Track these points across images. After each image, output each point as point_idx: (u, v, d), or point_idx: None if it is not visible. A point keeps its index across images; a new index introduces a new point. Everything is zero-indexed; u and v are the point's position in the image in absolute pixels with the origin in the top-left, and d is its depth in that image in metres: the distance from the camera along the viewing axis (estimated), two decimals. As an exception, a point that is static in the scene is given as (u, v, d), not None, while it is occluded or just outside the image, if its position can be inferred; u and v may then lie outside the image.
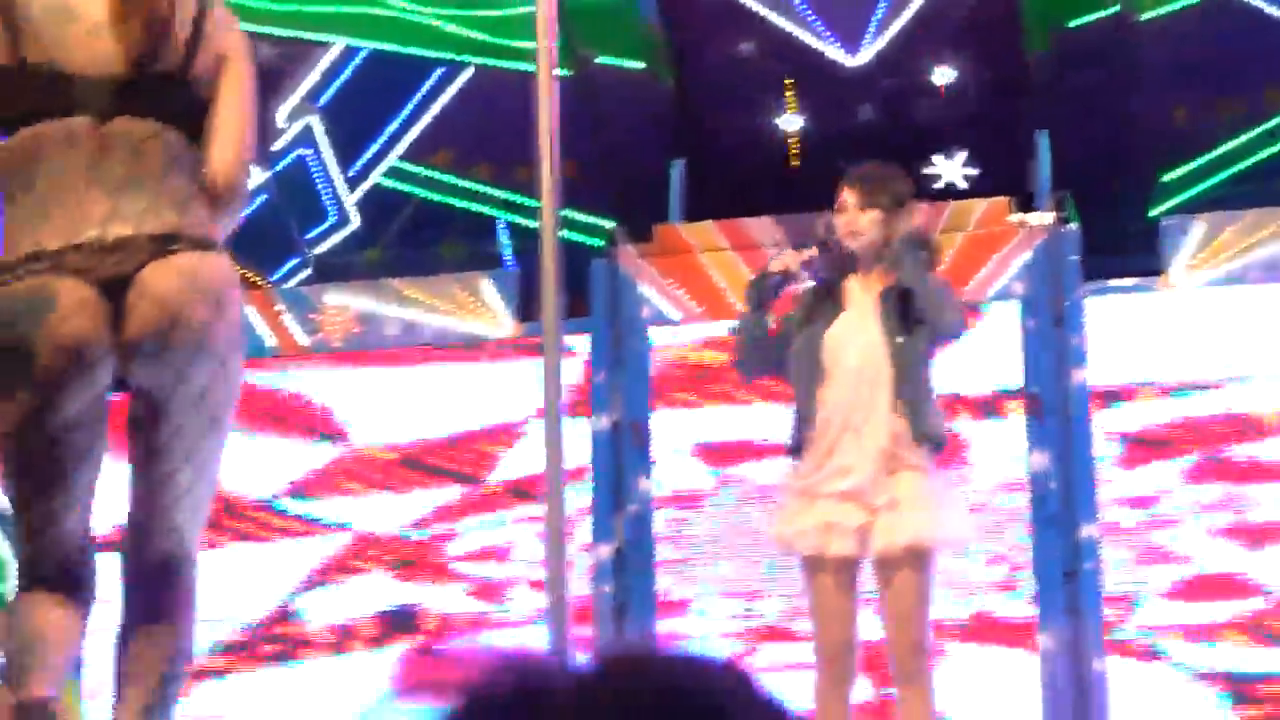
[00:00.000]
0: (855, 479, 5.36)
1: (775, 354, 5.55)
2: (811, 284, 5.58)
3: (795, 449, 5.47)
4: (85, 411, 3.63)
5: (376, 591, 7.87)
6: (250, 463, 7.57)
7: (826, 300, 5.53)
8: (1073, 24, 8.66)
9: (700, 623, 7.48)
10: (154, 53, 3.69)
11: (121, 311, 3.58)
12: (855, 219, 5.49)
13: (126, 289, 3.58)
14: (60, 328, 3.56)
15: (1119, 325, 7.31)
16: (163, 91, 3.73)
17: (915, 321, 5.43)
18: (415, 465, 7.91)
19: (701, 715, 1.27)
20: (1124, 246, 7.95)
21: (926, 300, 5.42)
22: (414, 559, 7.83)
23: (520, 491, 7.71)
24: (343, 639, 7.83)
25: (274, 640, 7.90)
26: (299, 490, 7.97)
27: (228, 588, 7.40)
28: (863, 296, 5.51)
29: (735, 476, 7.53)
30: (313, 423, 8.03)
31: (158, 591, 3.71)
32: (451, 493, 7.86)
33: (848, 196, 5.53)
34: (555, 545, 4.82)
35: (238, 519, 7.87)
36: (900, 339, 5.44)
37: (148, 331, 3.58)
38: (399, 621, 7.78)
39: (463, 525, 7.83)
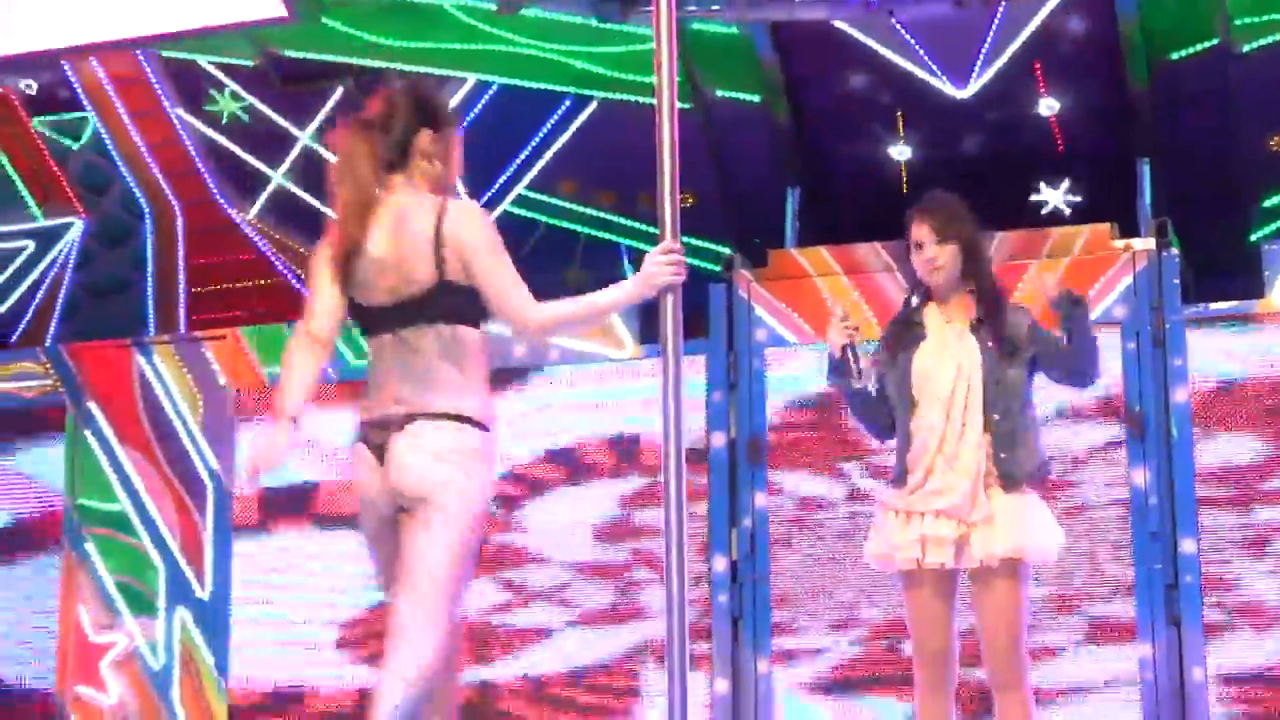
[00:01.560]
0: (950, 499, 5.37)
1: (886, 406, 5.58)
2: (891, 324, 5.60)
3: (897, 474, 5.49)
4: (380, 531, 4.67)
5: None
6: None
7: (907, 332, 5.54)
8: (1174, 56, 8.60)
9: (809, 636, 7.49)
10: (414, 286, 4.61)
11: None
12: (935, 254, 5.50)
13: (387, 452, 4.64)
14: (356, 478, 4.73)
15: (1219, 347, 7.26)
16: (429, 303, 4.62)
17: (1010, 354, 5.46)
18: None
19: None
20: (1225, 271, 7.87)
21: (1083, 354, 5.45)
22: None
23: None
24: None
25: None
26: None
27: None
28: (944, 326, 5.52)
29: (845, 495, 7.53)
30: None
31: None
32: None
33: (922, 233, 5.54)
34: (675, 557, 4.83)
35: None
36: (996, 372, 5.45)
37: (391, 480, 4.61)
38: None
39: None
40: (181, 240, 9.86)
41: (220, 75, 9.62)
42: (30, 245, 10.03)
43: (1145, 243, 7.38)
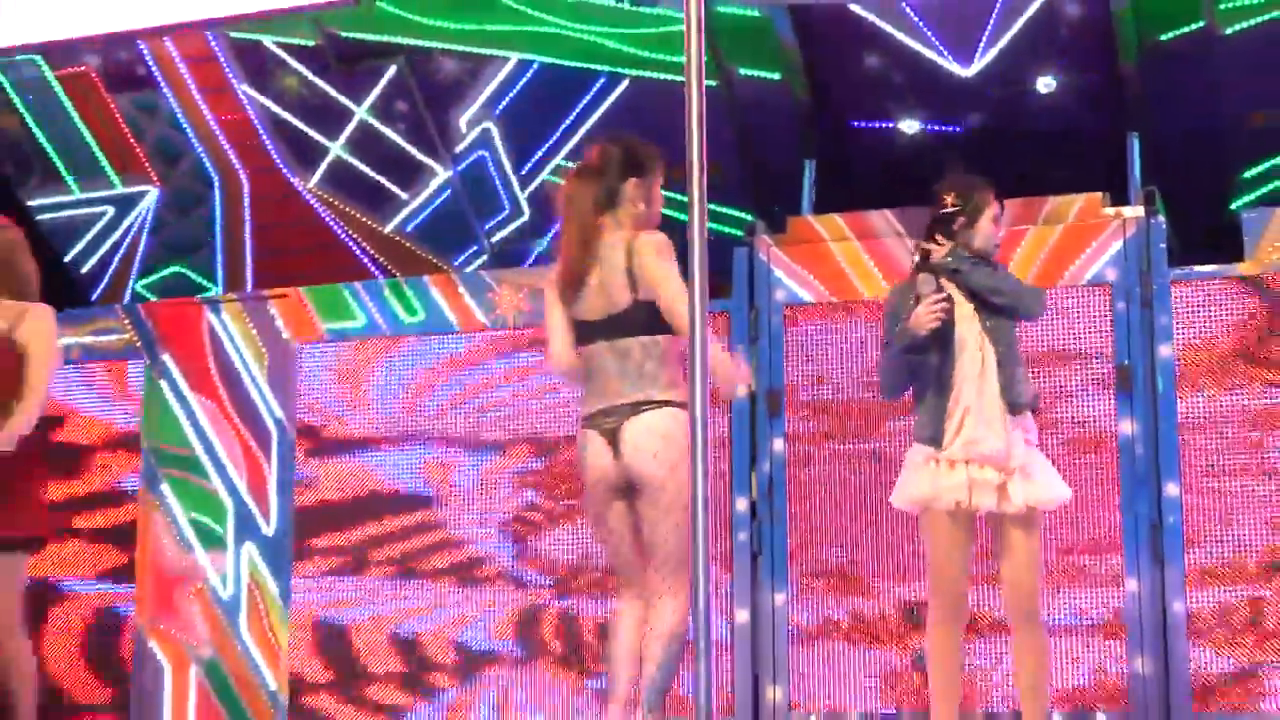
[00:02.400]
0: (989, 446, 5.46)
1: (908, 366, 5.66)
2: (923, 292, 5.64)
3: (932, 428, 5.55)
4: (608, 502, 5.36)
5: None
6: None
7: (946, 298, 5.62)
8: (1163, 37, 8.59)
9: (818, 568, 7.52)
10: (617, 306, 5.34)
11: (617, 450, 5.28)
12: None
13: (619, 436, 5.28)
14: (587, 460, 5.36)
15: (1202, 306, 7.26)
16: (629, 318, 5.31)
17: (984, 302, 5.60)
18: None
19: None
20: (1207, 236, 7.87)
21: (1007, 299, 5.62)
22: (577, 508, 7.90)
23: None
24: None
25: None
26: (477, 448, 8.06)
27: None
28: (958, 291, 5.63)
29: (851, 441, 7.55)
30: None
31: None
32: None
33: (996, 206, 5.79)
34: (699, 495, 4.87)
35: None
36: (991, 324, 5.54)
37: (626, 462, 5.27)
38: (563, 563, 7.85)
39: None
40: (247, 206, 9.90)
41: (283, 55, 9.64)
42: (110, 211, 10.08)
43: (1134, 211, 7.37)
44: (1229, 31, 8.44)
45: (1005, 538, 5.54)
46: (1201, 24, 8.46)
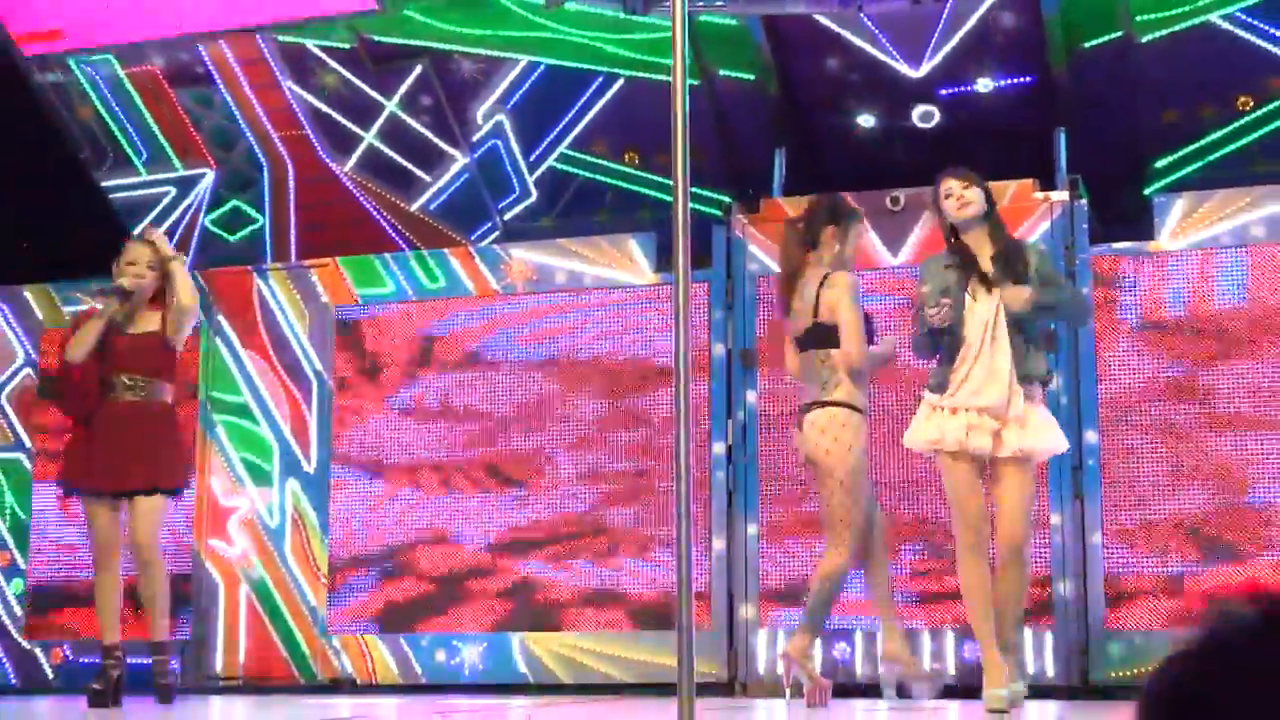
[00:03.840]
0: (988, 399, 5.49)
1: (930, 340, 5.73)
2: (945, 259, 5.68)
3: (941, 381, 5.58)
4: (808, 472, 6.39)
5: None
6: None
7: (960, 270, 5.63)
8: (1087, 44, 8.57)
9: (789, 505, 7.53)
10: (807, 324, 6.10)
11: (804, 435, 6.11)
12: (965, 196, 5.64)
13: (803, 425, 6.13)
14: (798, 441, 6.26)
15: (1118, 279, 7.26)
16: (814, 334, 6.10)
17: (1020, 279, 5.56)
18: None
19: None
20: (1124, 218, 7.87)
21: (1068, 311, 5.88)
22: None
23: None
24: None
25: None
26: (490, 398, 8.03)
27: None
28: (978, 257, 5.65)
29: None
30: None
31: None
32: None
33: (952, 185, 5.66)
34: (683, 439, 4.88)
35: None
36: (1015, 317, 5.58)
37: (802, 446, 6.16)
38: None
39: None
40: (292, 188, 9.88)
41: (323, 55, 9.61)
42: (173, 191, 10.05)
43: (1060, 195, 7.37)
44: (1145, 40, 8.42)
45: (1001, 480, 5.57)
46: (1121, 33, 8.45)
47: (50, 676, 8.60)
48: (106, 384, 6.66)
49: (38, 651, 8.66)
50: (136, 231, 6.82)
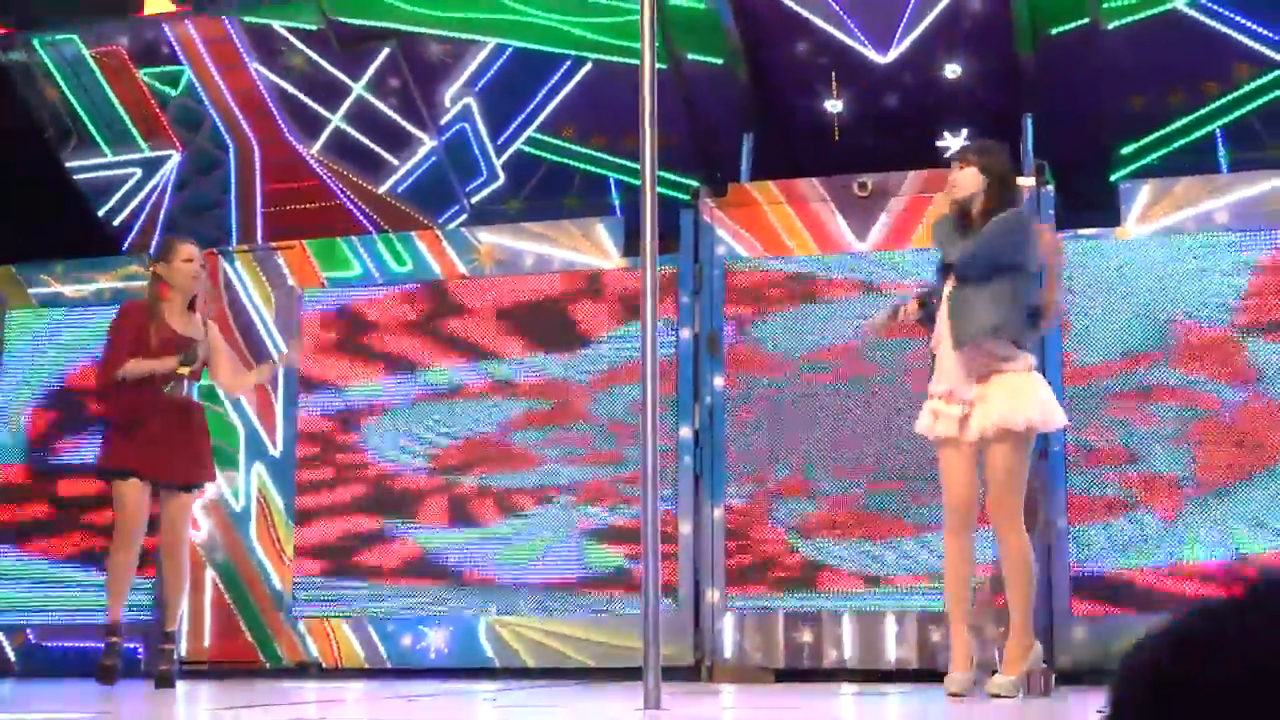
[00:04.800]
0: (947, 384, 5.65)
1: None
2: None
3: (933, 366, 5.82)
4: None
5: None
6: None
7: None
8: (1054, 31, 8.58)
9: (755, 489, 7.53)
10: None
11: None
12: (953, 179, 5.80)
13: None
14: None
15: (1085, 263, 7.28)
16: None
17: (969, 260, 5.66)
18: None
19: None
20: (1091, 204, 7.88)
21: (987, 244, 5.70)
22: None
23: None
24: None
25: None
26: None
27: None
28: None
29: (785, 378, 7.55)
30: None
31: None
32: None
33: (953, 168, 5.89)
34: (649, 425, 4.87)
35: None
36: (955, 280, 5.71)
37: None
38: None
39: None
40: (258, 169, 9.82)
41: (290, 36, 9.55)
42: (138, 172, 9.98)
43: (1027, 181, 7.37)
44: (1111, 26, 8.44)
45: (984, 456, 5.63)
46: (1087, 20, 8.46)
47: (12, 659, 8.55)
48: (151, 378, 7.00)
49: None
50: (284, 355, 7.68)
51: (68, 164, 9.99)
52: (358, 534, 8.15)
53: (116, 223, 10.00)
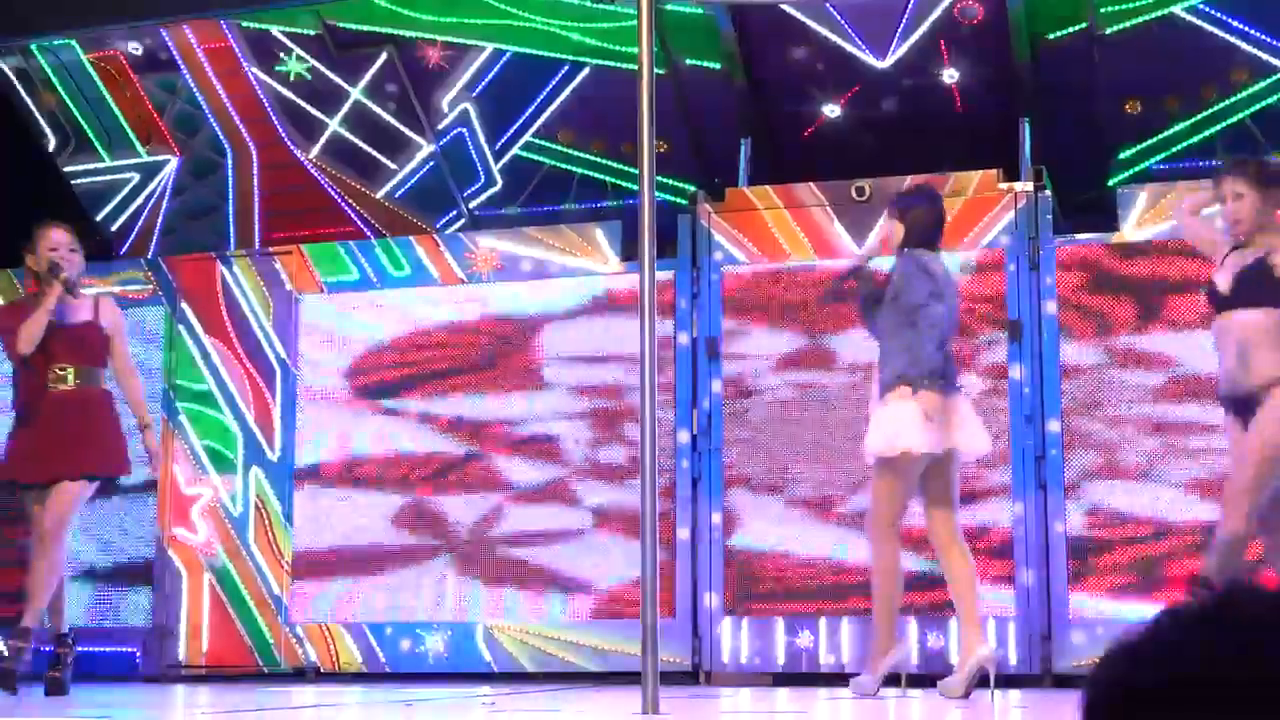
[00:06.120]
0: (871, 407, 6.00)
1: None
2: None
3: None
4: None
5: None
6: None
7: None
8: (1051, 36, 8.58)
9: (751, 493, 7.52)
10: None
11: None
12: (885, 229, 5.97)
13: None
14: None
15: (1081, 269, 7.28)
16: None
17: (879, 299, 6.08)
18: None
19: None
20: (1087, 209, 7.88)
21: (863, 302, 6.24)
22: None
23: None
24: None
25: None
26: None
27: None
28: None
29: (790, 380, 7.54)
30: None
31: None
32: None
33: None
34: (648, 428, 4.87)
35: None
36: (875, 309, 6.08)
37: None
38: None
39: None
40: (256, 174, 9.81)
41: (288, 42, 9.54)
42: (136, 177, 9.97)
43: (1025, 186, 7.38)
44: (1108, 31, 8.44)
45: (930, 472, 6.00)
46: (1085, 25, 8.46)
47: None
48: (39, 373, 6.51)
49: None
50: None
51: (66, 169, 9.99)
52: (356, 538, 8.14)
53: (115, 228, 9.99)
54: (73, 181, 9.99)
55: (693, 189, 8.14)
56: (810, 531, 7.40)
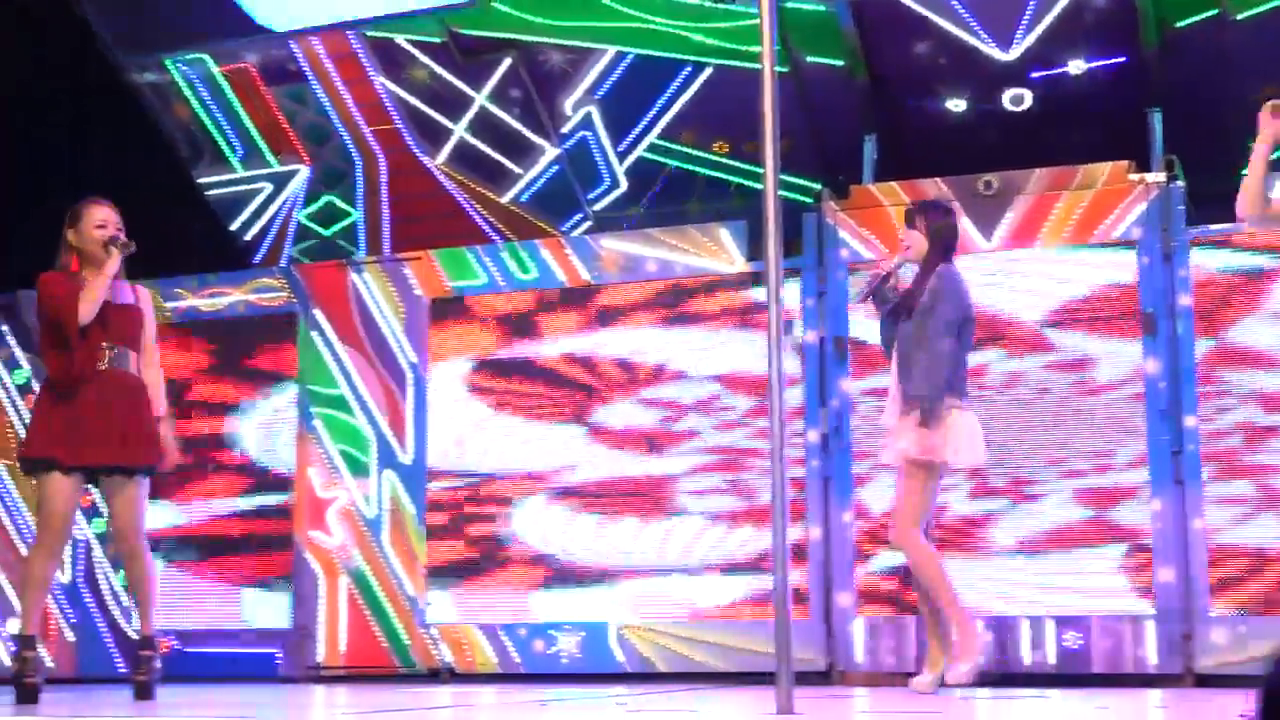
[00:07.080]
0: (888, 419, 6.23)
1: None
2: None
3: None
4: None
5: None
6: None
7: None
8: (1180, 23, 8.43)
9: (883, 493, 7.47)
10: None
11: None
12: (901, 238, 6.34)
13: None
14: None
15: (1215, 261, 7.13)
16: None
17: (910, 310, 6.11)
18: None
19: None
20: (1220, 199, 7.72)
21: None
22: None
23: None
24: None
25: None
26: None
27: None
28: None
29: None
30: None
31: None
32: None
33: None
34: (777, 430, 4.84)
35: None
36: (902, 326, 6.14)
37: None
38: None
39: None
40: (385, 181, 9.92)
41: (413, 50, 9.64)
42: (269, 186, 10.13)
43: (1156, 177, 7.25)
44: (1240, 17, 8.26)
45: None
46: (1215, 11, 8.29)
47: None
48: (89, 351, 6.06)
49: None
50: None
51: (200, 180, 10.17)
52: (489, 541, 8.20)
53: (248, 237, 10.16)
54: (207, 192, 10.17)
55: (817, 187, 8.10)
56: (942, 529, 7.31)
